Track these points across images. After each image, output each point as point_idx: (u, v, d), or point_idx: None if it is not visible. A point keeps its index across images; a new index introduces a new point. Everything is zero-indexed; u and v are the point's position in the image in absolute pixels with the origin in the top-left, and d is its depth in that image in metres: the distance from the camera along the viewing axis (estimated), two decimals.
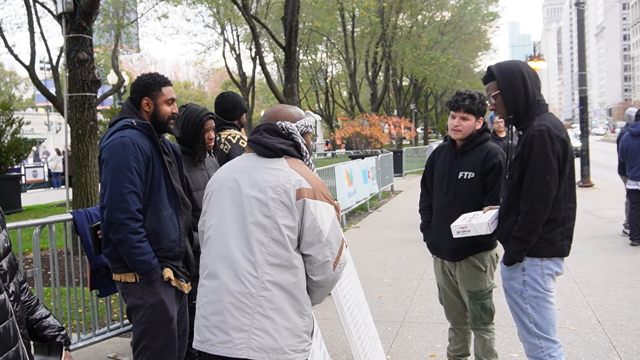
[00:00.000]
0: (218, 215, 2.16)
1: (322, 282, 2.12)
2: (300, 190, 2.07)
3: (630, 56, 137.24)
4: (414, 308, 5.33)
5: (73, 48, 6.87)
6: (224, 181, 2.20)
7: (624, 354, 4.05)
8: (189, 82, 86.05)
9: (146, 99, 2.95)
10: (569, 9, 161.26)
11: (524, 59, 26.10)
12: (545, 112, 2.77)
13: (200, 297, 2.15)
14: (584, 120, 15.65)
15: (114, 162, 2.75)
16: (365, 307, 3.82)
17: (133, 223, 2.73)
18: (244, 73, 29.69)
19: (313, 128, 2.34)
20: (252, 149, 2.22)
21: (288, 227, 2.06)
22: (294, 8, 12.80)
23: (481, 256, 3.27)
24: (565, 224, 2.74)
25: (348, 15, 26.96)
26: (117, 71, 18.01)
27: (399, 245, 8.21)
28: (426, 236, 3.54)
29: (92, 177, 7.07)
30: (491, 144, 3.34)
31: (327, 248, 2.09)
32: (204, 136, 3.46)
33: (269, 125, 2.21)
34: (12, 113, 14.28)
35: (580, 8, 15.89)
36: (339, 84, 42.65)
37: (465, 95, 3.29)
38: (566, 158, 2.71)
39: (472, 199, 3.25)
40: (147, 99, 2.95)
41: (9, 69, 65.82)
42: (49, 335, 1.83)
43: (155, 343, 2.85)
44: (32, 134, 34.67)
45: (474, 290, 3.30)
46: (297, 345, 2.06)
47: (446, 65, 29.25)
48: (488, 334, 3.35)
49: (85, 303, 4.23)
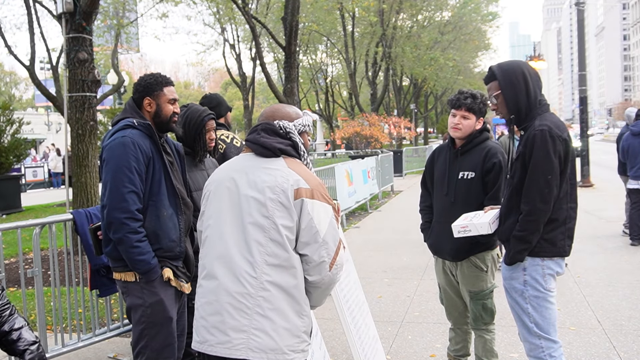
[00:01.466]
0: (216, 216, 2.15)
1: (318, 282, 2.12)
2: (298, 190, 2.07)
3: (630, 56, 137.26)
4: (414, 308, 5.33)
5: (73, 48, 6.88)
6: (222, 181, 2.19)
7: (624, 354, 4.05)
8: (189, 82, 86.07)
9: (148, 98, 2.95)
10: (569, 9, 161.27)
11: (524, 59, 26.09)
12: (546, 112, 2.77)
13: (199, 297, 2.14)
14: (584, 120, 15.65)
15: (114, 162, 2.76)
16: (365, 307, 3.81)
17: (132, 223, 2.73)
18: (244, 73, 29.68)
19: (311, 127, 2.34)
20: (250, 148, 2.21)
21: (286, 227, 2.05)
22: (294, 8, 12.80)
23: (482, 256, 3.27)
24: (566, 223, 2.74)
25: (348, 15, 26.97)
26: (117, 71, 17.99)
27: (399, 245, 8.20)
28: (427, 237, 3.53)
29: (92, 177, 7.07)
30: (491, 144, 3.34)
31: (323, 248, 2.08)
32: (205, 136, 3.46)
33: (266, 125, 2.21)
34: (12, 113, 14.28)
35: (580, 8, 15.88)
36: (339, 84, 42.63)
37: (467, 94, 3.29)
38: (567, 158, 2.70)
39: (473, 198, 3.25)
40: (149, 99, 2.95)
41: (9, 69, 65.84)
42: (18, 349, 1.73)
43: (155, 343, 2.85)
44: (32, 134, 34.69)
45: (475, 290, 3.30)
46: (296, 345, 2.06)
47: (446, 65, 29.25)
48: (489, 334, 3.35)
49: (85, 303, 4.22)
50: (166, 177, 2.90)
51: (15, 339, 1.72)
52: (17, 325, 1.73)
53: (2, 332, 1.70)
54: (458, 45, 33.26)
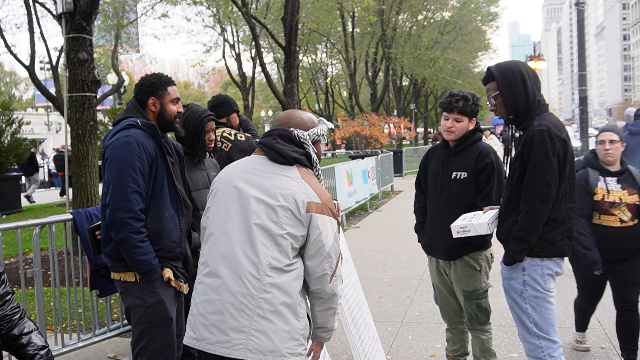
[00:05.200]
0: (223, 214, 2.16)
1: (319, 292, 2.16)
2: (310, 204, 2.10)
3: (630, 56, 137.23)
4: (414, 308, 5.33)
5: (73, 48, 6.88)
6: (231, 180, 2.20)
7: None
8: (189, 82, 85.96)
9: (152, 98, 2.95)
10: (569, 9, 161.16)
11: (524, 59, 26.12)
12: (545, 112, 2.77)
13: (199, 294, 2.14)
14: (584, 120, 15.67)
15: (118, 162, 2.75)
16: (365, 307, 3.82)
17: (135, 222, 2.73)
18: (244, 73, 29.66)
19: (325, 136, 2.35)
20: (264, 152, 2.22)
21: (292, 236, 2.08)
22: (294, 8, 12.80)
23: (476, 256, 3.28)
24: (565, 223, 2.75)
25: (348, 15, 26.96)
26: (117, 71, 17.99)
27: (399, 245, 8.21)
28: (420, 237, 3.55)
29: (92, 177, 7.07)
30: (483, 144, 3.35)
31: (326, 261, 2.13)
32: (205, 137, 3.46)
33: (283, 131, 2.22)
34: (12, 113, 14.27)
35: (580, 8, 15.91)
36: (339, 84, 42.63)
37: (458, 96, 3.29)
38: (566, 158, 2.71)
39: (465, 199, 3.26)
40: (153, 99, 2.95)
41: (9, 69, 65.79)
42: (27, 353, 1.71)
43: (155, 343, 2.85)
44: (32, 134, 34.63)
45: (468, 289, 3.30)
46: (294, 348, 2.07)
47: (446, 66, 29.22)
48: (485, 334, 3.35)
49: (85, 303, 4.22)
50: (168, 178, 2.90)
51: (24, 343, 1.71)
52: (27, 329, 1.72)
53: (11, 336, 1.68)
54: (458, 46, 33.25)
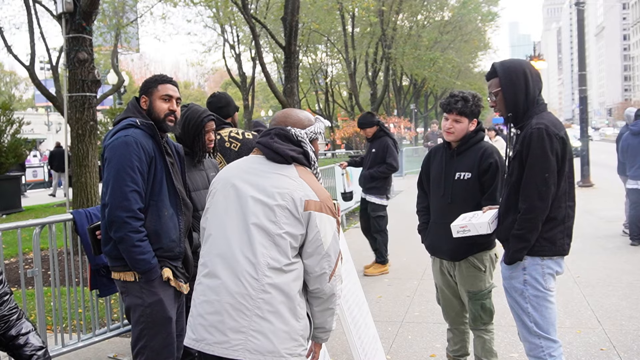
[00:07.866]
0: (221, 214, 2.16)
1: (318, 292, 2.15)
2: (308, 202, 2.09)
3: (630, 56, 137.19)
4: (414, 308, 5.33)
5: (73, 48, 6.87)
6: (229, 180, 2.20)
7: (624, 354, 4.05)
8: (189, 82, 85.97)
9: (144, 97, 2.99)
10: (569, 9, 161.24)
11: (524, 59, 26.05)
12: (543, 111, 2.78)
13: (198, 294, 2.14)
14: (584, 120, 15.66)
15: (117, 161, 2.76)
16: (365, 307, 3.82)
17: (134, 222, 2.73)
18: (244, 73, 29.67)
19: (322, 134, 2.35)
20: (261, 151, 2.22)
21: (291, 235, 2.08)
22: (294, 8, 12.79)
23: (480, 256, 3.27)
24: (565, 222, 2.75)
25: (348, 15, 26.95)
26: (117, 71, 17.97)
27: (399, 245, 8.19)
28: (424, 237, 3.54)
29: (92, 177, 7.07)
30: (486, 144, 3.35)
31: (325, 260, 2.12)
32: (204, 137, 3.46)
33: (280, 130, 2.22)
34: (12, 113, 14.25)
35: (580, 8, 15.88)
36: (339, 84, 42.62)
37: (458, 97, 3.28)
38: (565, 156, 2.71)
39: (470, 199, 3.25)
40: (144, 97, 2.99)
41: (9, 69, 65.82)
42: (25, 354, 1.71)
43: (154, 343, 2.85)
44: (32, 134, 34.65)
45: (473, 290, 3.30)
46: (293, 349, 2.06)
47: (445, 66, 29.22)
48: (488, 334, 3.35)
49: (85, 303, 4.22)
50: (167, 178, 2.90)
51: (22, 344, 1.71)
52: (25, 330, 1.72)
53: (9, 336, 1.68)
54: (458, 46, 33.26)
